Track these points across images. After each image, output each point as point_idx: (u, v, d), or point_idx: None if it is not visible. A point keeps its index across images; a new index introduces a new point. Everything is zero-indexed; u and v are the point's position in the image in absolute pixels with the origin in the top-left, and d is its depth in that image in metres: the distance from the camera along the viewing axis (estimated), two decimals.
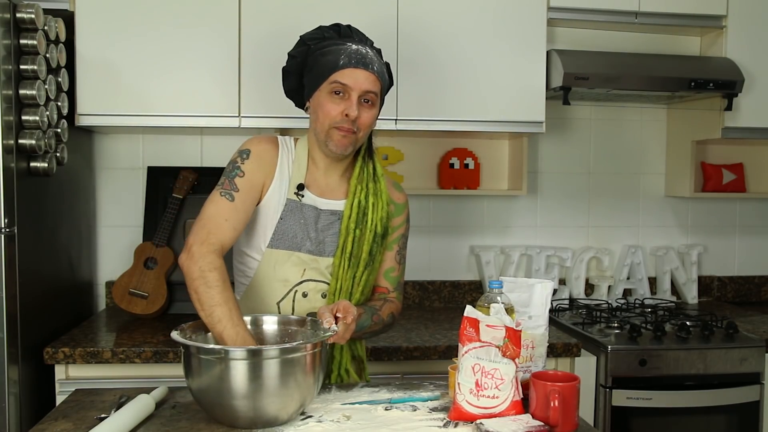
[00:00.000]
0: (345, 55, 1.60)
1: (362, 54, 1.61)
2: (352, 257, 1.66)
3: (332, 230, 1.67)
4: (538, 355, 1.52)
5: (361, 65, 1.60)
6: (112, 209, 2.72)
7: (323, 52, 1.63)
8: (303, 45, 1.69)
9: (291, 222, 1.64)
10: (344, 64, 1.59)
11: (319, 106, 1.62)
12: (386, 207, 1.71)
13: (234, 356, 1.29)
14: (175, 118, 2.36)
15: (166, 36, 2.34)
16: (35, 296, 2.08)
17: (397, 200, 1.78)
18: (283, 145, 1.70)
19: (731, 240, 3.12)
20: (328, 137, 1.62)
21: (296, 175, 1.67)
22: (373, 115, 1.64)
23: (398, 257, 1.78)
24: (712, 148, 3.05)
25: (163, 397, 1.51)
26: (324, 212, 1.67)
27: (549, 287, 1.54)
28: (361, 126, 1.62)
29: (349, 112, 1.58)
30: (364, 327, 1.64)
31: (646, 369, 2.25)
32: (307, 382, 1.34)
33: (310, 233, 1.65)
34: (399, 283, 1.80)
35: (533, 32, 2.50)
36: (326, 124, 1.61)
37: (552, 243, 2.97)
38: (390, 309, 1.74)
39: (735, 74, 2.55)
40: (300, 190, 1.66)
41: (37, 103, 1.96)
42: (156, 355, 2.07)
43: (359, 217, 1.67)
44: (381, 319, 1.69)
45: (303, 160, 1.69)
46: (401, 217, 1.78)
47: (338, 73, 1.59)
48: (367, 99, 1.61)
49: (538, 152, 2.95)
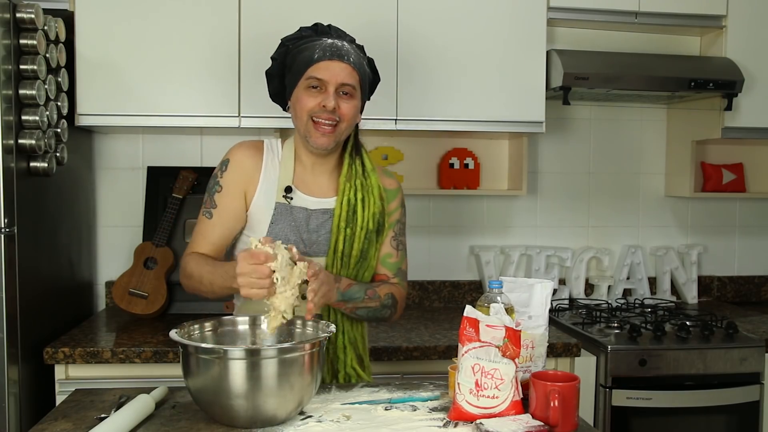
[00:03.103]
0: (320, 49, 1.60)
1: (337, 47, 1.61)
2: (343, 256, 1.66)
3: (325, 229, 1.67)
4: (537, 355, 1.52)
5: (336, 57, 1.59)
6: (112, 209, 2.72)
7: (300, 49, 1.64)
8: (282, 47, 1.69)
9: (282, 225, 1.65)
10: (318, 57, 1.59)
11: (297, 101, 1.63)
12: (378, 202, 1.70)
13: (232, 356, 1.29)
14: (175, 118, 2.36)
15: (166, 36, 2.34)
16: (35, 296, 2.08)
17: (388, 187, 1.76)
18: (268, 148, 1.71)
19: (731, 240, 3.11)
20: (307, 132, 1.62)
21: (283, 177, 1.68)
22: (354, 106, 1.63)
23: (395, 243, 1.76)
24: (712, 148, 3.05)
25: (163, 397, 1.51)
26: (315, 212, 1.67)
27: (549, 287, 1.54)
28: (343, 116, 1.61)
29: (326, 103, 1.58)
30: (356, 299, 1.62)
31: (646, 369, 2.25)
32: (305, 382, 1.34)
33: (302, 235, 1.65)
34: (400, 269, 1.77)
35: (533, 32, 2.50)
36: (304, 117, 1.61)
37: (552, 243, 2.96)
38: (389, 290, 1.70)
39: (735, 74, 2.55)
40: (288, 192, 1.66)
41: (37, 103, 1.95)
42: (156, 355, 2.07)
43: (349, 216, 1.66)
44: (377, 295, 1.66)
45: (290, 161, 1.69)
46: (395, 202, 1.76)
47: (313, 68, 1.59)
48: (345, 91, 1.61)
49: (538, 152, 2.95)
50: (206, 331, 1.49)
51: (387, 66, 2.41)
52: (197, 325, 1.48)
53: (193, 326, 1.48)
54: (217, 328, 1.51)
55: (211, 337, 1.49)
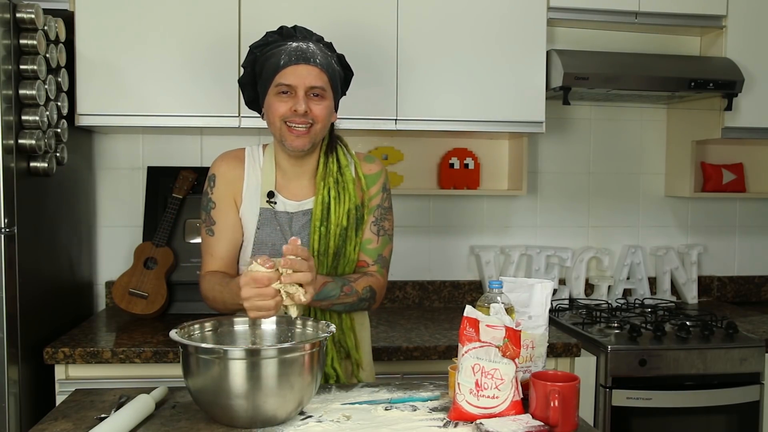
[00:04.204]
0: (285, 54, 1.61)
1: (302, 50, 1.61)
2: (319, 255, 1.67)
3: (307, 231, 1.69)
4: (537, 355, 1.52)
5: (302, 61, 1.60)
6: (112, 209, 2.72)
7: (267, 56, 1.65)
8: (251, 54, 1.70)
9: (268, 231, 1.68)
10: (285, 63, 1.60)
11: (269, 108, 1.64)
12: (354, 197, 1.70)
13: (232, 356, 1.29)
14: (175, 118, 2.36)
15: (166, 35, 2.34)
16: (35, 296, 2.08)
17: (368, 171, 1.76)
18: (249, 156, 1.73)
19: (731, 240, 3.11)
20: (282, 136, 1.63)
21: (265, 182, 1.70)
22: (326, 107, 1.63)
23: (375, 228, 1.74)
24: (712, 148, 3.04)
25: (163, 397, 1.51)
26: (296, 215, 1.69)
27: (549, 287, 1.54)
28: (315, 118, 1.62)
29: (297, 108, 1.59)
30: (331, 297, 1.61)
31: (646, 369, 2.25)
32: (305, 382, 1.34)
33: (286, 238, 1.66)
34: (380, 256, 1.75)
35: (533, 32, 2.50)
36: (277, 122, 1.62)
37: (552, 243, 2.96)
38: (367, 282, 1.69)
39: (735, 74, 2.55)
40: (270, 197, 1.68)
41: (37, 103, 1.95)
42: (156, 355, 2.07)
43: (323, 215, 1.67)
44: (354, 291, 1.65)
45: (270, 167, 1.71)
46: (375, 186, 1.75)
47: (280, 74, 1.60)
48: (315, 93, 1.61)
49: (538, 152, 2.95)
50: (206, 331, 1.50)
51: (387, 65, 2.41)
52: (197, 325, 1.49)
53: (193, 326, 1.48)
54: (217, 328, 1.51)
55: (211, 337, 1.49)
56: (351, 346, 1.74)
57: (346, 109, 2.00)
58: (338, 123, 1.79)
